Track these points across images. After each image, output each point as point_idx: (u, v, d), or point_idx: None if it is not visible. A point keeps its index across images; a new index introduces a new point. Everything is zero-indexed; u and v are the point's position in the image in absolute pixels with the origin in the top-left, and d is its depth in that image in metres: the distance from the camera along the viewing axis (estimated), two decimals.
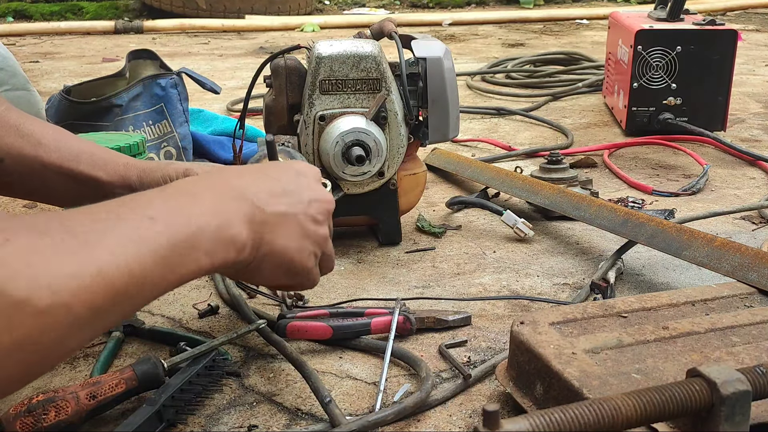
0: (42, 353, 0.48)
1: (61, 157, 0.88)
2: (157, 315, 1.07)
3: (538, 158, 1.78)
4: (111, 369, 0.93)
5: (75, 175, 0.88)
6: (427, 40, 1.27)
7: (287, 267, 0.75)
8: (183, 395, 0.83)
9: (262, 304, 1.10)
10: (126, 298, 0.53)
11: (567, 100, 2.44)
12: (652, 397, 0.62)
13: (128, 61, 1.67)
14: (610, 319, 0.86)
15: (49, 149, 0.88)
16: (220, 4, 4.80)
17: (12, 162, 0.86)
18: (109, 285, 0.51)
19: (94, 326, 0.51)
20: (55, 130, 0.90)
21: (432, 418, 0.83)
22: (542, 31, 4.31)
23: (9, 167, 0.86)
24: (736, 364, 0.76)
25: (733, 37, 1.86)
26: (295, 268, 0.76)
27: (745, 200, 1.52)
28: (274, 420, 0.84)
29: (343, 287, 1.15)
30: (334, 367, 0.94)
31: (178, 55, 3.61)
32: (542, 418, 0.58)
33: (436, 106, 1.23)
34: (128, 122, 1.53)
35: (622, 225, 1.18)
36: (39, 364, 0.49)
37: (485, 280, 1.17)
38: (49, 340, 0.47)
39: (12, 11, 5.13)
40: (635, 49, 1.88)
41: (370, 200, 1.26)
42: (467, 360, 0.95)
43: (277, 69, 1.21)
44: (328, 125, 1.19)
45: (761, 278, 0.96)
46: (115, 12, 5.10)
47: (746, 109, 2.30)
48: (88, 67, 3.25)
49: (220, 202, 0.66)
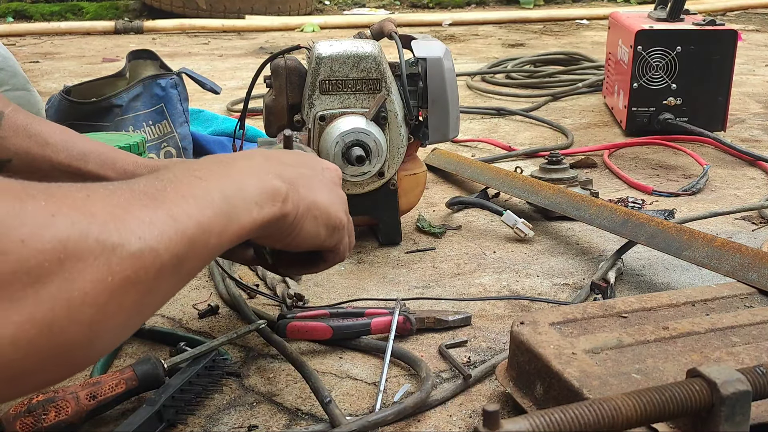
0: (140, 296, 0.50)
1: (69, 157, 0.89)
2: (157, 315, 1.07)
3: (538, 158, 1.78)
4: (111, 369, 0.93)
5: (83, 175, 0.88)
6: (427, 40, 1.27)
7: (326, 219, 0.76)
8: (183, 395, 0.83)
9: (262, 305, 1.10)
10: (199, 246, 0.56)
11: (567, 100, 2.44)
12: (652, 397, 0.62)
13: (128, 61, 1.67)
14: (610, 320, 0.86)
15: (56, 149, 0.89)
16: (220, 4, 4.80)
17: (20, 163, 0.86)
18: (183, 233, 0.53)
19: (178, 273, 0.54)
20: (62, 130, 0.91)
21: (432, 419, 0.83)
22: (542, 31, 4.32)
23: (17, 168, 0.86)
24: (736, 365, 0.76)
25: (733, 38, 1.86)
26: (332, 220, 0.78)
27: (745, 200, 1.52)
28: (274, 420, 0.84)
29: (343, 287, 1.15)
30: (334, 367, 0.94)
31: (178, 55, 3.61)
32: (542, 418, 0.58)
33: (436, 107, 1.23)
34: (128, 122, 1.53)
35: (622, 225, 1.18)
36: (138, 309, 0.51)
37: (485, 280, 1.17)
38: (145, 283, 0.50)
39: (12, 11, 5.13)
40: (635, 50, 1.88)
41: (370, 200, 1.26)
42: (467, 360, 0.95)
43: (277, 69, 1.21)
44: (328, 125, 1.19)
45: (761, 278, 0.96)
46: (115, 12, 5.10)
47: (746, 109, 2.30)
48: (88, 68, 3.25)
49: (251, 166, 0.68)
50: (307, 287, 1.15)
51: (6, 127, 0.88)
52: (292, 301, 1.08)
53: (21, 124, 0.88)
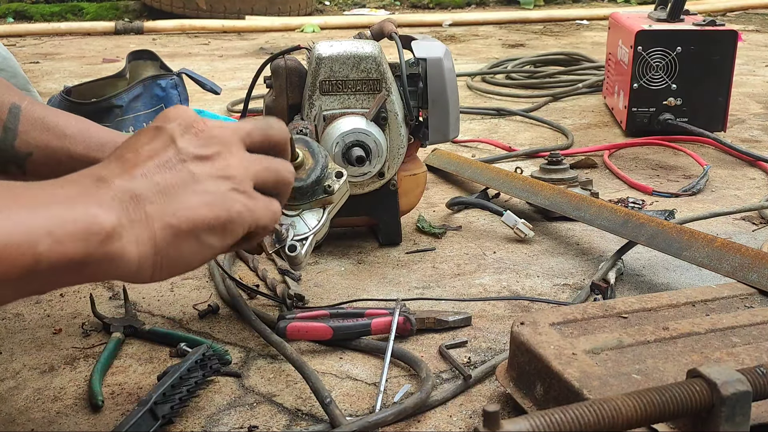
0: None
1: (88, 148, 0.89)
2: (157, 316, 1.07)
3: (539, 159, 1.78)
4: (111, 369, 0.93)
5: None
6: (427, 40, 1.27)
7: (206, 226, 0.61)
8: (175, 391, 0.83)
9: (262, 305, 1.10)
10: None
11: (567, 100, 2.44)
12: (652, 397, 0.62)
13: (128, 61, 1.67)
14: (610, 320, 0.86)
15: (75, 140, 0.89)
16: (220, 4, 4.80)
17: (40, 156, 0.87)
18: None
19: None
20: (78, 120, 0.91)
21: (432, 419, 0.83)
22: (542, 31, 4.32)
23: (38, 161, 0.87)
24: (737, 365, 0.76)
25: (733, 38, 1.86)
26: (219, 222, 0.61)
27: (746, 201, 1.52)
28: (274, 421, 0.84)
29: (343, 288, 1.15)
30: (334, 367, 0.94)
31: (178, 55, 3.61)
32: (542, 418, 0.58)
33: (436, 107, 1.23)
34: (128, 123, 1.54)
35: (623, 225, 1.18)
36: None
37: (485, 280, 1.17)
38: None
39: (12, 12, 5.13)
40: (635, 50, 1.88)
41: (370, 201, 1.26)
42: (467, 360, 0.95)
43: (278, 70, 1.21)
44: (328, 126, 1.19)
45: (761, 279, 0.96)
46: (116, 13, 5.10)
47: (746, 109, 2.30)
48: (89, 68, 3.25)
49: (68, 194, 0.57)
50: (307, 287, 1.15)
51: (24, 121, 0.88)
52: (292, 301, 1.08)
53: (38, 116, 0.88)
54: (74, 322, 1.06)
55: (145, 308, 1.09)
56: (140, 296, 1.12)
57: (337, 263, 1.23)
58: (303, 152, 1.03)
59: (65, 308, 1.10)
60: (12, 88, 0.92)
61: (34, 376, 0.93)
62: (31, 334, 1.03)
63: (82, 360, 0.96)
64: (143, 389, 0.89)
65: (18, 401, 0.88)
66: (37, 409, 0.86)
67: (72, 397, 0.88)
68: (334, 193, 1.04)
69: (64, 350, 0.99)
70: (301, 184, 1.02)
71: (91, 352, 0.98)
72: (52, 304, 1.11)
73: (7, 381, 0.92)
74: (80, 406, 0.86)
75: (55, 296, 1.13)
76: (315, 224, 1.06)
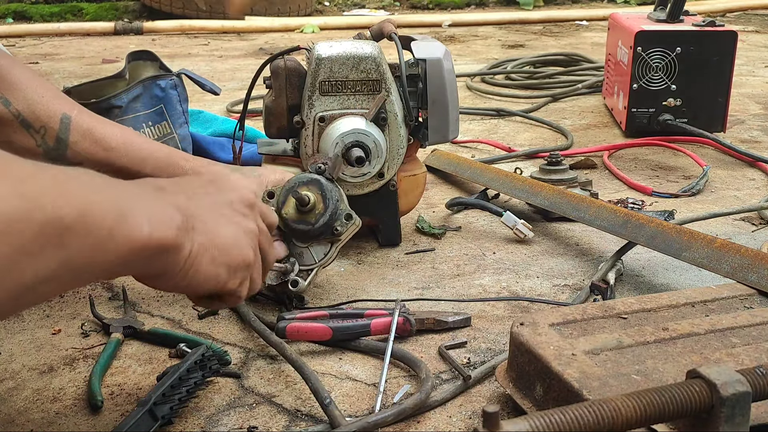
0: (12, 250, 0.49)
1: (130, 162, 0.96)
2: (157, 316, 1.07)
3: (538, 159, 1.78)
4: (110, 370, 0.93)
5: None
6: (427, 41, 1.27)
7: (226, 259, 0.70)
8: (175, 391, 0.83)
9: (262, 306, 1.09)
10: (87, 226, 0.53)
11: (567, 101, 2.44)
12: (652, 398, 0.62)
13: (128, 62, 1.67)
14: (609, 321, 0.86)
15: (119, 153, 0.96)
16: (220, 5, 4.80)
17: (88, 166, 0.88)
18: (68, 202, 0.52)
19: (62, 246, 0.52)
20: (122, 132, 0.98)
21: (432, 420, 0.83)
22: (542, 32, 4.32)
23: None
24: (736, 366, 0.76)
25: (732, 39, 1.86)
26: (234, 260, 0.71)
27: (745, 201, 1.52)
28: (273, 421, 0.84)
29: (342, 288, 1.15)
30: (333, 368, 0.94)
31: (177, 56, 3.61)
32: (542, 419, 0.58)
33: (436, 108, 1.23)
34: (128, 123, 1.53)
35: (622, 226, 1.18)
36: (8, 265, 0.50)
37: (485, 281, 1.17)
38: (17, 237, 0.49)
39: (12, 12, 5.12)
40: (635, 50, 1.88)
41: (369, 201, 1.25)
42: (467, 361, 0.95)
43: (277, 70, 1.21)
44: (328, 126, 1.19)
45: (761, 279, 0.96)
46: (115, 13, 5.10)
47: (746, 110, 2.30)
48: (88, 68, 3.25)
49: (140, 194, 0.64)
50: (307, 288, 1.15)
51: (74, 131, 0.94)
52: (292, 302, 1.07)
53: (87, 127, 0.94)
54: (73, 322, 1.06)
55: (144, 309, 1.09)
56: (140, 297, 1.12)
57: (337, 264, 1.23)
58: (315, 196, 1.04)
59: (64, 309, 1.10)
60: (61, 95, 0.98)
61: (33, 376, 0.93)
62: (30, 334, 1.03)
63: (81, 360, 0.96)
64: (143, 390, 0.89)
65: (17, 402, 0.87)
66: (36, 409, 0.86)
67: (71, 397, 0.88)
68: (342, 236, 1.05)
69: (64, 351, 0.99)
70: (309, 228, 1.03)
71: (90, 353, 0.98)
72: (51, 304, 1.11)
73: (6, 381, 0.92)
74: (79, 407, 0.86)
75: (55, 297, 1.13)
76: (322, 257, 1.07)
